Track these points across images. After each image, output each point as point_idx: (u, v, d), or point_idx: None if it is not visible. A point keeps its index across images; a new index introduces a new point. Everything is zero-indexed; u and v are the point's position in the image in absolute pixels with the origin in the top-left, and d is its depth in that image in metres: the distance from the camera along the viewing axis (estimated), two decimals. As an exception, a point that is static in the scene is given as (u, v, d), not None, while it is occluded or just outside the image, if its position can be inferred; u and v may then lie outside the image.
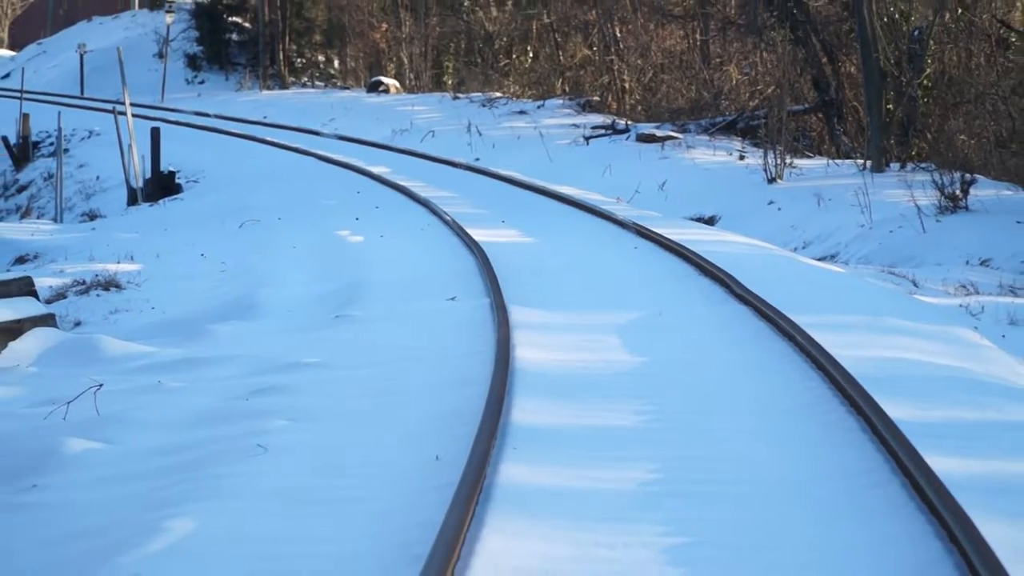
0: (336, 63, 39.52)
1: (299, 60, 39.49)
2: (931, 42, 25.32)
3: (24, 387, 11.06)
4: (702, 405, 9.28)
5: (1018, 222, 19.22)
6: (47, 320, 13.69)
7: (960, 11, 25.79)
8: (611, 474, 7.43)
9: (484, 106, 33.31)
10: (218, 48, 40.79)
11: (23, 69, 41.76)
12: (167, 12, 41.67)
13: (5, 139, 30.71)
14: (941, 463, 7.10)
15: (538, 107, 32.40)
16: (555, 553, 6.16)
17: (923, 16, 25.93)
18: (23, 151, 29.63)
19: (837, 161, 24.87)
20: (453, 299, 13.74)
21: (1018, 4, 26.56)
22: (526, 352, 10.46)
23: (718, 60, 31.78)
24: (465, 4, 36.08)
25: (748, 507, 6.88)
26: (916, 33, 25.47)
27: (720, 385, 9.98)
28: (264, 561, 6.20)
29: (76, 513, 7.35)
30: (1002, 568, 5.53)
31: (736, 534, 6.50)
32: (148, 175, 25.61)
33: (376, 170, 25.63)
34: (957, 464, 7.31)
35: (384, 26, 37.14)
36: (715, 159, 26.26)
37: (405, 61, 37.11)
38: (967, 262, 17.89)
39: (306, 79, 38.77)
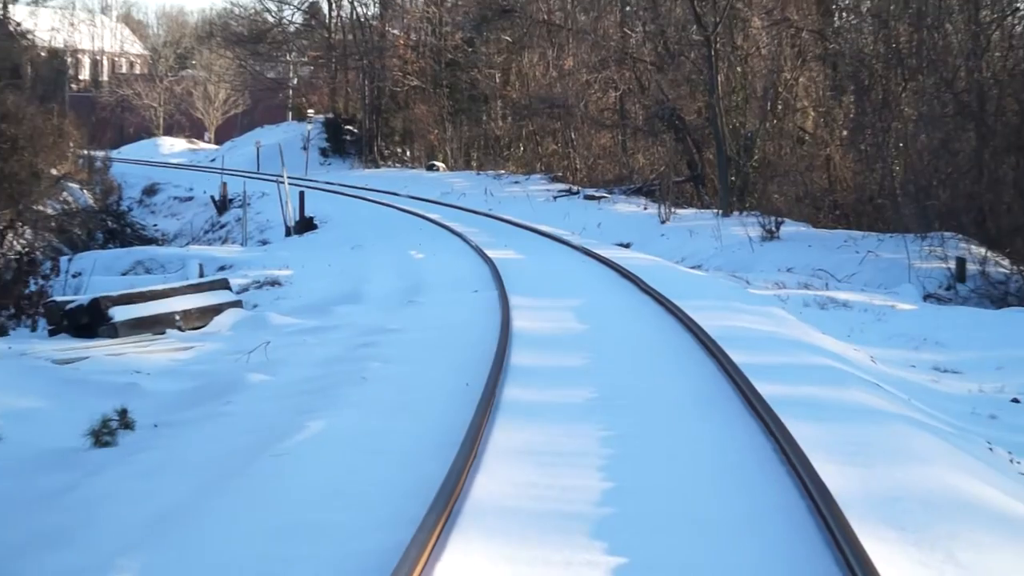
0: (407, 152, 44.93)
1: (386, 150, 44.98)
2: (757, 140, 30.64)
3: (223, 343, 13.11)
4: (620, 353, 11.36)
5: (809, 246, 23.04)
6: (237, 304, 16.08)
7: (774, 121, 30.85)
8: (568, 393, 9.38)
9: (494, 178, 37.77)
10: (338, 143, 47.13)
11: (223, 156, 48.30)
12: (308, 123, 50.72)
13: (212, 197, 35.61)
14: (763, 387, 8.93)
15: (526, 179, 37.18)
16: (535, 439, 7.89)
17: (752, 124, 30.93)
18: (223, 204, 34.42)
19: (702, 210, 29.38)
20: (476, 291, 16.11)
21: (810, 115, 30.87)
22: (519, 323, 12.68)
23: (632, 151, 37.77)
24: (484, 119, 41.44)
25: (646, 410, 8.83)
26: (748, 135, 30.77)
27: (632, 342, 12.08)
28: (368, 443, 7.86)
29: (253, 417, 9.18)
30: (803, 452, 7.13)
31: (640, 427, 8.31)
32: (296, 219, 29.87)
33: (430, 215, 28.74)
34: (773, 388, 8.95)
35: (435, 131, 43.13)
36: (630, 209, 29.99)
37: (448, 152, 42.93)
38: (778, 269, 21.17)
39: (390, 162, 44.20)
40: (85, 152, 35.78)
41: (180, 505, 6.68)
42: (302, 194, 31.30)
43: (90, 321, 13.61)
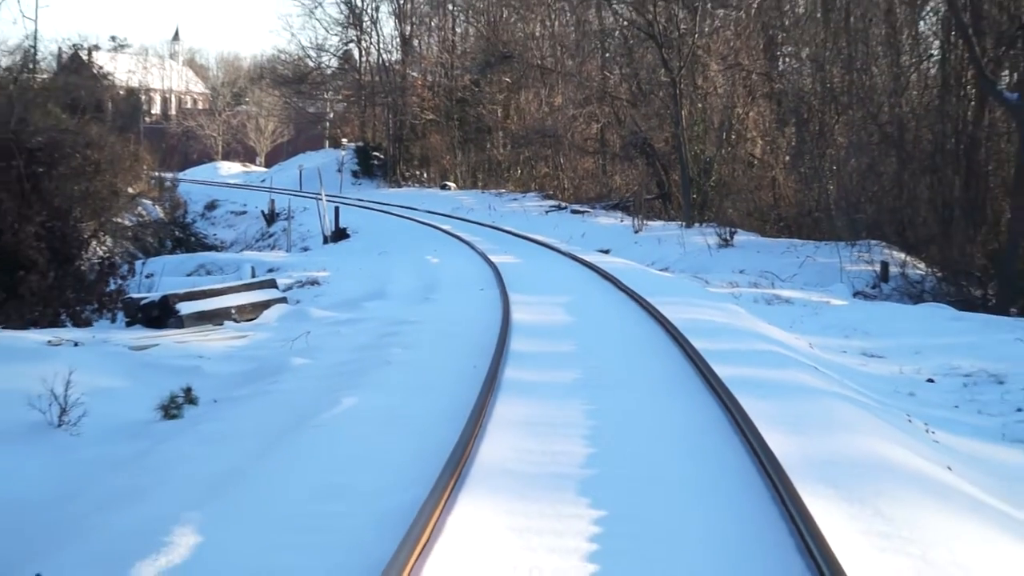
0: (424, 174, 45.12)
1: (406, 173, 45.32)
2: (714, 164, 30.62)
3: (271, 333, 12.99)
4: (601, 341, 11.32)
5: (758, 252, 22.96)
6: (282, 300, 15.98)
7: (728, 148, 30.78)
8: (558, 374, 9.38)
9: (496, 196, 37.66)
10: (367, 166, 47.47)
11: (271, 177, 48.76)
12: (342, 149, 51.62)
13: (262, 211, 35.86)
14: (720, 368, 8.95)
15: (523, 196, 37.17)
16: (530, 412, 7.90)
17: (710, 151, 30.95)
18: (271, 217, 34.53)
19: (668, 222, 29.05)
20: (482, 290, 15.97)
21: (758, 143, 31.03)
22: (517, 316, 12.61)
23: (610, 173, 37.56)
24: (488, 146, 41.68)
25: (622, 388, 8.83)
26: (707, 159, 30.79)
27: (610, 332, 12.06)
28: (392, 416, 7.87)
29: (296, 394, 9.14)
30: (752, 423, 7.15)
31: (617, 402, 8.33)
32: (332, 229, 29.85)
33: (443, 227, 28.58)
34: (728, 369, 8.98)
35: (447, 157, 43.59)
36: (609, 222, 29.70)
37: (458, 174, 43.22)
38: (732, 271, 21.09)
39: (410, 183, 44.44)
40: (156, 174, 35.82)
41: (236, 468, 6.69)
42: (337, 209, 31.35)
43: (160, 314, 13.64)
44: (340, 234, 29.86)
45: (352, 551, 5.04)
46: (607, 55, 38.27)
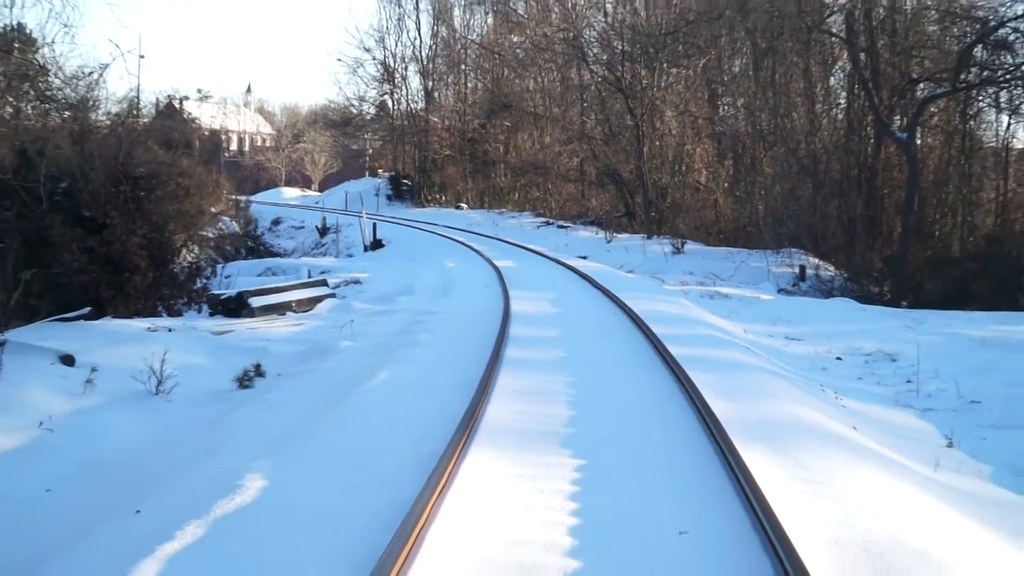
0: (443, 197, 44.82)
1: (428, 196, 45.10)
2: (668, 189, 30.12)
3: (323, 321, 12.83)
4: (579, 327, 11.29)
5: (703, 258, 22.80)
6: (331, 295, 15.83)
7: (680, 176, 30.39)
8: (546, 353, 9.38)
9: (499, 214, 37.20)
10: (398, 191, 47.23)
11: (323, 199, 48.80)
12: (379, 177, 51.24)
13: (316, 226, 35.44)
14: (673, 348, 8.99)
15: (520, 214, 36.61)
16: (525, 382, 7.88)
17: (666, 179, 30.41)
18: (323, 230, 34.14)
19: (633, 235, 28.67)
20: (487, 287, 15.88)
21: (703, 173, 30.90)
22: (515, 307, 12.57)
23: (587, 196, 37.22)
24: (492, 175, 41.71)
25: (596, 364, 8.80)
26: (663, 186, 30.20)
27: (587, 319, 12.03)
28: (417, 386, 7.83)
29: (343, 370, 9.05)
30: (699, 391, 7.19)
31: (592, 375, 8.29)
32: (370, 240, 29.60)
33: (456, 238, 28.21)
34: (679, 349, 8.97)
35: (461, 183, 43.64)
36: (586, 234, 29.30)
37: (469, 196, 43.24)
38: (683, 273, 20.96)
39: (431, 204, 44.20)
40: (233, 197, 35.66)
41: (295, 427, 6.67)
42: (374, 224, 31.30)
43: (236, 306, 13.63)
44: (377, 244, 29.82)
45: (387, 492, 5.03)
46: (585, 104, 38.24)
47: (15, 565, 4.51)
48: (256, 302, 13.82)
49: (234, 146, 74.89)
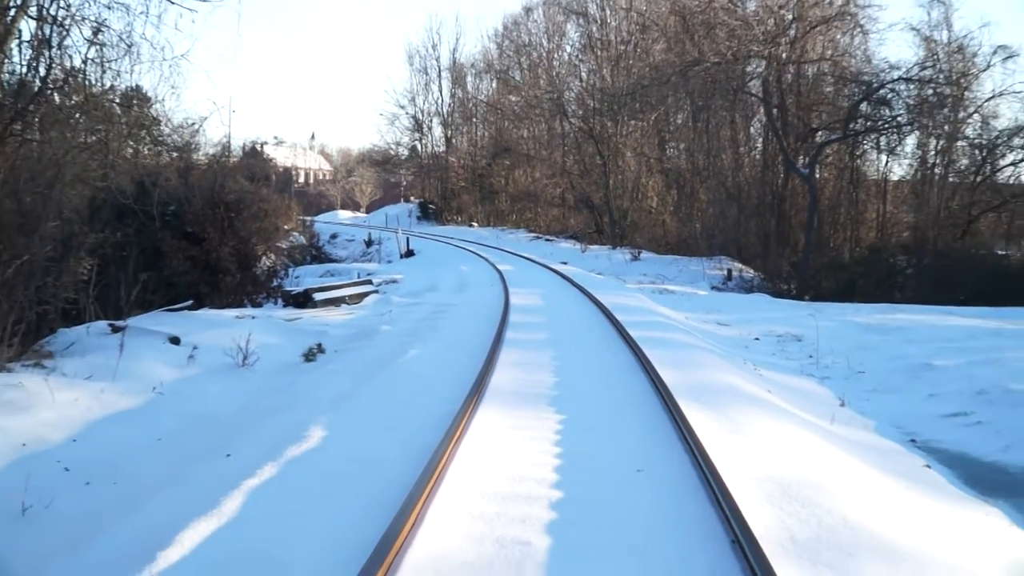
0: (459, 217, 44.20)
1: (448, 216, 44.37)
2: (629, 212, 29.90)
3: (368, 311, 12.63)
4: (561, 315, 11.15)
5: (655, 263, 22.56)
6: (375, 291, 15.39)
7: (637, 202, 30.25)
8: (536, 335, 9.27)
9: (501, 230, 36.52)
10: (425, 213, 46.17)
11: (369, 220, 47.55)
12: (411, 203, 49.67)
13: (364, 240, 34.23)
14: (632, 331, 8.93)
15: (516, 231, 35.96)
16: (520, 356, 7.79)
17: (626, 204, 30.20)
18: (369, 243, 33.19)
19: (602, 246, 28.04)
20: (492, 286, 15.54)
21: (655, 200, 30.53)
22: (513, 300, 12.35)
23: (567, 217, 36.44)
24: (496, 202, 41.45)
25: (574, 343, 8.73)
26: (624, 209, 29.92)
27: (569, 310, 11.86)
28: (439, 360, 7.72)
29: (383, 347, 8.89)
30: (652, 364, 7.07)
31: (571, 350, 8.23)
32: (405, 250, 28.83)
33: (469, 248, 27.72)
34: (637, 332, 8.91)
35: (473, 207, 43.03)
36: (567, 245, 28.77)
37: (479, 217, 42.81)
38: (639, 275, 20.58)
39: (450, 223, 43.47)
40: (301, 217, 35.48)
41: (348, 391, 6.61)
42: (407, 238, 30.93)
43: (303, 300, 13.55)
44: (409, 253, 29.54)
45: (417, 439, 4.98)
46: (565, 147, 38.08)
47: (136, 496, 4.50)
48: (318, 296, 13.72)
49: (302, 179, 74.62)
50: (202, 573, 3.16)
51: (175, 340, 8.17)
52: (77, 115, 8.21)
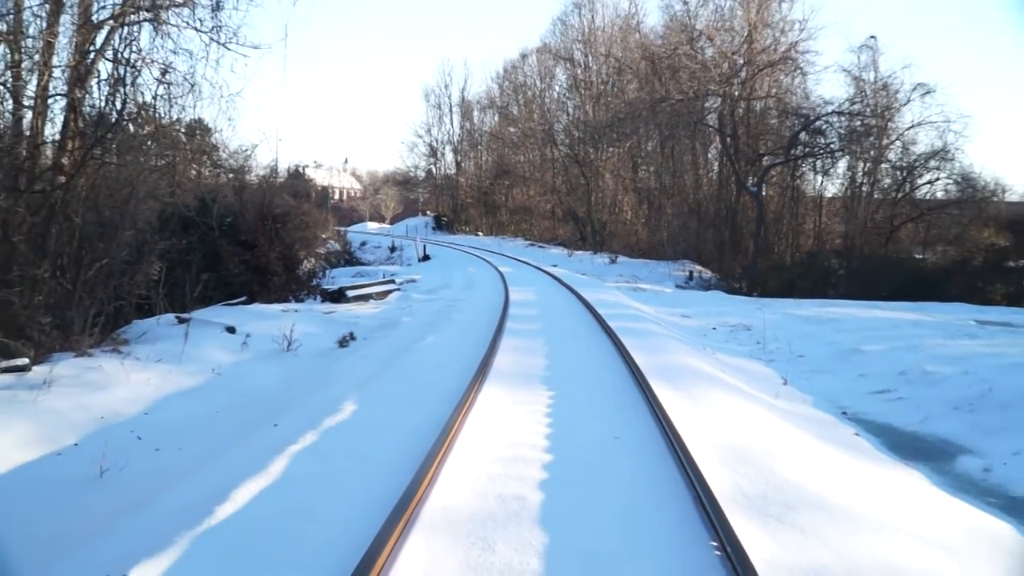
0: (467, 228, 43.32)
1: (458, 227, 43.46)
2: (607, 223, 29.57)
3: (392, 305, 12.45)
4: (552, 309, 11.05)
5: (630, 266, 22.30)
6: (397, 289, 14.96)
7: (614, 215, 29.90)
8: (530, 325, 9.20)
9: (502, 239, 35.92)
10: (440, 224, 45.05)
11: (392, 230, 46.50)
12: (427, 216, 47.79)
13: (388, 246, 32.80)
14: (611, 323, 8.90)
15: (515, 239, 35.47)
16: (517, 342, 7.71)
17: (605, 216, 29.91)
18: (392, 249, 32.18)
19: (585, 251, 27.52)
20: (494, 285, 15.31)
21: (629, 213, 29.77)
22: (512, 296, 12.36)
23: (557, 228, 35.96)
24: (498, 215, 40.95)
25: (562, 332, 8.63)
26: (603, 221, 29.68)
27: (558, 304, 11.73)
28: (452, 346, 7.62)
29: (405, 335, 8.77)
30: (627, 349, 6.93)
31: (559, 337, 8.19)
32: (422, 255, 28.13)
33: (475, 253, 27.24)
34: (615, 323, 8.89)
35: (479, 220, 42.10)
36: (557, 251, 28.23)
37: (484, 228, 42.27)
38: (616, 275, 20.48)
39: (460, 233, 42.57)
40: (336, 228, 35.29)
41: (375, 372, 6.56)
42: (424, 245, 30.69)
43: (338, 296, 13.42)
44: (425, 257, 29.23)
45: (432, 411, 4.94)
46: (555, 170, 37.93)
47: (198, 460, 4.46)
48: (350, 293, 13.59)
49: (336, 196, 74.20)
50: (252, 525, 3.13)
51: (231, 330, 8.11)
52: (148, 142, 8.23)
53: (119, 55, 7.28)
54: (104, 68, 7.38)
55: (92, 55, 7.24)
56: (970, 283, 16.98)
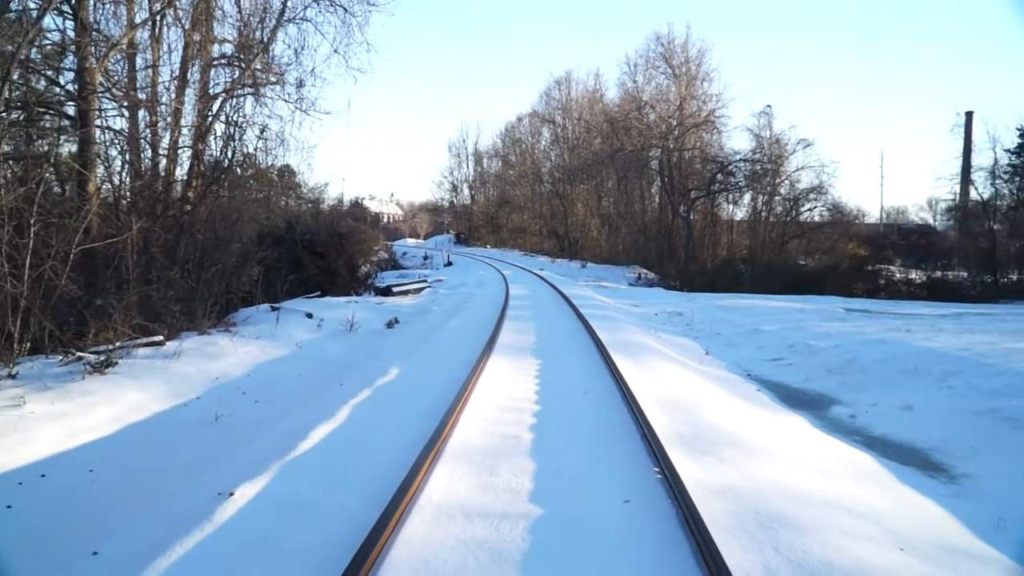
0: (479, 243, 42.20)
1: (472, 241, 42.30)
2: (580, 239, 28.62)
3: (425, 298, 11.98)
4: (540, 301, 10.67)
5: (595, 269, 21.46)
6: (429, 287, 14.46)
7: (584, 233, 28.78)
8: (524, 312, 8.89)
9: (503, 251, 35.00)
10: (460, 240, 43.86)
11: (425, 244, 44.74)
12: (450, 234, 45.95)
13: (422, 256, 30.49)
14: (583, 310, 8.64)
15: (513, 251, 34.59)
16: (515, 326, 7.42)
17: (578, 234, 28.93)
18: (425, 258, 30.66)
19: (563, 259, 26.65)
20: (497, 285, 14.74)
21: (595, 231, 28.74)
22: (511, 291, 12.04)
23: (544, 242, 34.93)
24: (500, 234, 39.70)
25: (548, 319, 8.22)
26: (577, 237, 28.70)
27: (545, 297, 11.44)
28: (467, 328, 7.37)
29: (435, 320, 8.69)
30: (595, 331, 6.57)
31: (546, 323, 7.77)
32: (447, 262, 26.99)
33: (485, 260, 26.38)
34: (586, 311, 8.60)
35: (487, 236, 40.75)
36: (543, 259, 26.70)
37: (491, 242, 41.24)
38: (587, 277, 19.22)
39: (473, 246, 41.56)
40: (385, 242, 34.95)
41: (413, 346, 6.50)
42: (448, 254, 30.40)
43: (386, 292, 13.23)
44: (449, 263, 28.82)
45: (454, 374, 4.85)
46: (542, 200, 37.65)
47: (286, 409, 4.41)
48: (395, 289, 13.35)
49: (385, 219, 73.66)
50: (324, 454, 3.11)
51: (309, 315, 7.98)
52: (250, 181, 8.29)
53: (229, 118, 7.57)
54: (218, 127, 7.66)
55: (210, 118, 7.45)
56: (839, 282, 17.03)
